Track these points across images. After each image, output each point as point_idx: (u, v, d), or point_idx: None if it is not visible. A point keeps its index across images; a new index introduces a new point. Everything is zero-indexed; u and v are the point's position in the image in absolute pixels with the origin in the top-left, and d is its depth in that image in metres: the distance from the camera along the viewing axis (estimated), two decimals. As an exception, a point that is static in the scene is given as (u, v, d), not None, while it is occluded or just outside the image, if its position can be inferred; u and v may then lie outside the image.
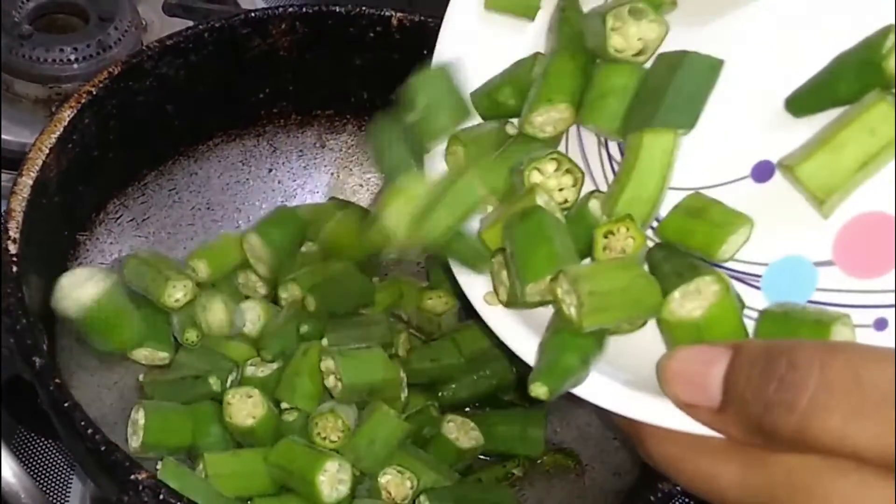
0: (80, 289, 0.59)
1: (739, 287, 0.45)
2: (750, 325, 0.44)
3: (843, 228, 0.43)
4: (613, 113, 0.49)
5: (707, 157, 0.47)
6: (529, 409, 0.66)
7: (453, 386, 0.66)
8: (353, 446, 0.60)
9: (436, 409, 0.65)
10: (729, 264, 0.46)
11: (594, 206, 0.49)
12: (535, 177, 0.50)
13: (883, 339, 0.41)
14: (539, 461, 0.65)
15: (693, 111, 0.47)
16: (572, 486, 0.64)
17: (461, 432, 0.64)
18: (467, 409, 0.67)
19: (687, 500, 0.67)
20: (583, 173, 0.50)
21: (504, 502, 0.62)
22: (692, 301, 0.43)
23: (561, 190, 0.50)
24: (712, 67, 0.47)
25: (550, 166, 0.49)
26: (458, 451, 0.63)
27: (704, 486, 0.39)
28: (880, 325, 0.42)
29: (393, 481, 0.59)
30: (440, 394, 0.66)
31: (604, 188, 0.50)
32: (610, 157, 0.51)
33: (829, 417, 0.34)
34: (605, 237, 0.46)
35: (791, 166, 0.43)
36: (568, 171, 0.50)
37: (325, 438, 0.60)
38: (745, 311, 0.45)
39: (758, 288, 0.45)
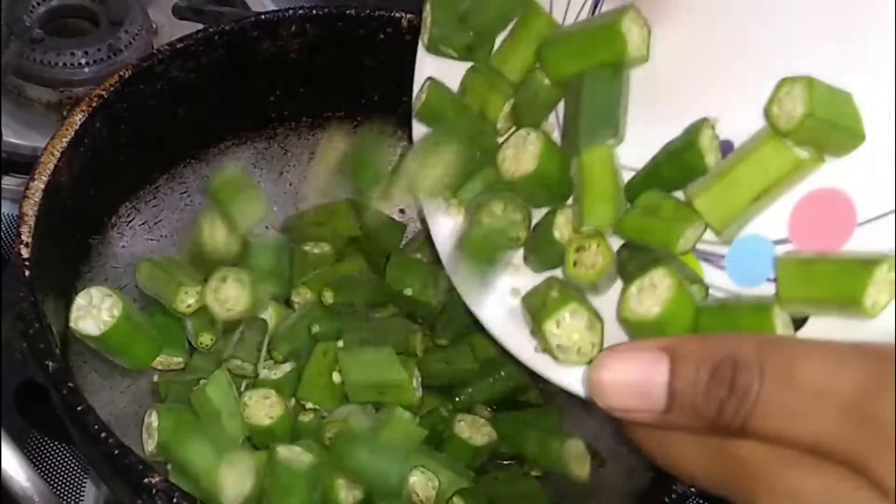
0: (96, 311, 0.59)
1: (704, 267, 0.47)
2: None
3: (797, 206, 0.44)
4: None
5: (669, 137, 0.48)
6: (543, 410, 0.66)
7: (469, 390, 0.66)
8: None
9: (446, 409, 0.64)
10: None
11: (560, 221, 0.51)
12: (486, 219, 0.53)
13: None
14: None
15: (610, 121, 0.49)
16: (587, 486, 0.63)
17: (473, 430, 0.63)
18: (487, 411, 0.66)
19: (701, 501, 0.67)
20: (529, 210, 0.53)
21: (533, 494, 0.62)
22: (649, 297, 0.44)
23: (514, 226, 0.53)
24: (612, 76, 0.49)
25: (497, 207, 0.53)
26: (473, 449, 0.63)
27: (677, 469, 0.40)
28: None
29: (419, 482, 0.59)
30: (456, 398, 0.65)
31: None
32: None
33: (769, 418, 0.35)
34: (577, 251, 0.47)
35: (690, 198, 0.46)
36: (515, 209, 0.52)
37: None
38: (711, 291, 0.46)
39: (722, 268, 0.46)
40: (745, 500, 0.37)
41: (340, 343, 0.64)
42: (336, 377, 0.62)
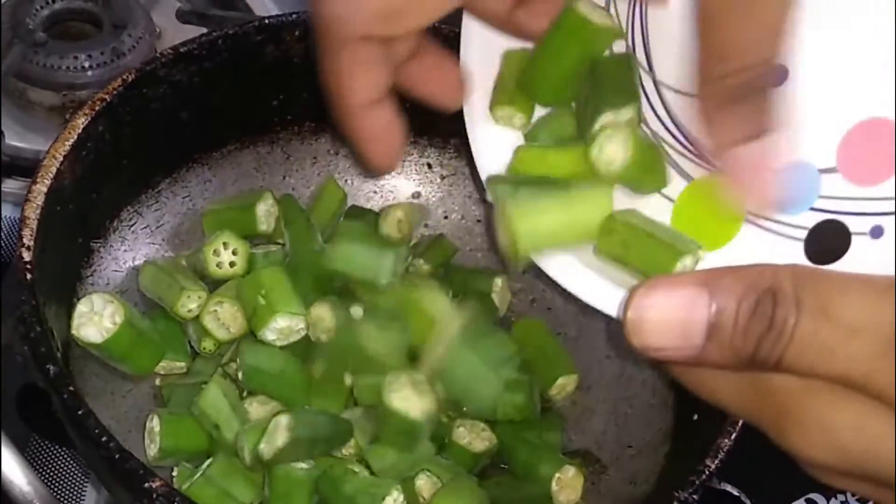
0: (97, 318, 0.59)
1: None
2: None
3: (846, 135, 0.43)
4: None
5: None
6: (546, 415, 0.66)
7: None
8: (376, 457, 0.60)
9: (445, 415, 0.64)
10: None
11: None
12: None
13: (878, 247, 0.42)
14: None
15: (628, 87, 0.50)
16: (587, 493, 0.63)
17: (472, 435, 0.63)
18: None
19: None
20: None
21: (539, 498, 0.62)
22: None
23: None
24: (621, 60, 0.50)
25: None
26: (473, 455, 0.63)
27: (708, 397, 0.40)
28: (876, 232, 0.42)
29: (426, 485, 0.59)
30: (464, 408, 0.65)
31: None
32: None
33: (804, 353, 0.35)
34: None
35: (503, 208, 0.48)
36: None
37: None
38: (754, 219, 0.46)
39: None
40: (775, 431, 0.37)
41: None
42: (347, 379, 0.62)
